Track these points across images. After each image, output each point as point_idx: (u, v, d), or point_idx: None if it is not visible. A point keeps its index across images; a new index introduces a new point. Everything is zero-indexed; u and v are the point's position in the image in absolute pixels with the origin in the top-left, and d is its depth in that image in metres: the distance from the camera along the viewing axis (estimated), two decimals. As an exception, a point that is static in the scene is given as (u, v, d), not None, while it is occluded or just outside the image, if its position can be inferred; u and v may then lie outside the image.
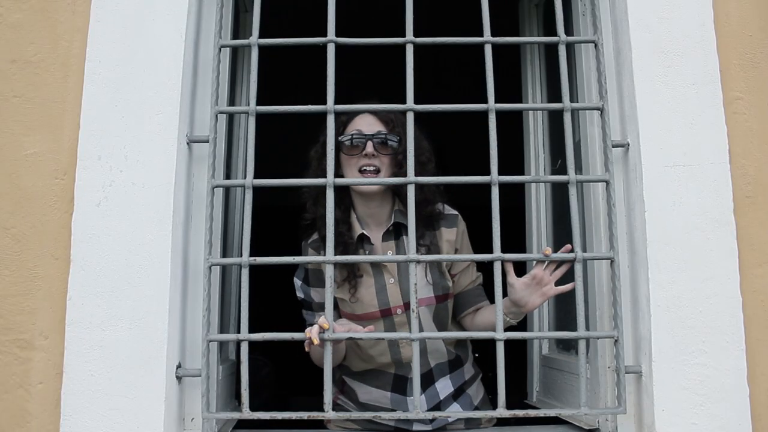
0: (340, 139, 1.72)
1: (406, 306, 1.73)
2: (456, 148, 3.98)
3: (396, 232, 1.78)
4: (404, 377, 1.77)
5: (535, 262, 1.61)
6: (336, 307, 1.79)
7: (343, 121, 1.75)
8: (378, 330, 1.72)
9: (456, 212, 1.83)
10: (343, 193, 1.77)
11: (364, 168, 1.70)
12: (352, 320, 1.73)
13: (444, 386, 1.82)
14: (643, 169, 1.52)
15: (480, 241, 1.92)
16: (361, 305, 1.74)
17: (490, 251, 1.47)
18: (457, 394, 1.83)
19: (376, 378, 1.80)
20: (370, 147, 1.69)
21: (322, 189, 1.71)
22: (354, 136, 1.71)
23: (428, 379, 1.79)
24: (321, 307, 1.76)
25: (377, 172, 1.70)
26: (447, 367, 1.83)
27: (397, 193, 1.80)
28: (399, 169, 1.72)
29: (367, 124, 1.73)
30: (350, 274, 1.75)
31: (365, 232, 1.76)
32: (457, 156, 3.43)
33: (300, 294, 1.83)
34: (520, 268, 2.24)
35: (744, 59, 1.60)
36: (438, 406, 1.79)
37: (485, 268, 1.65)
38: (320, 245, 1.77)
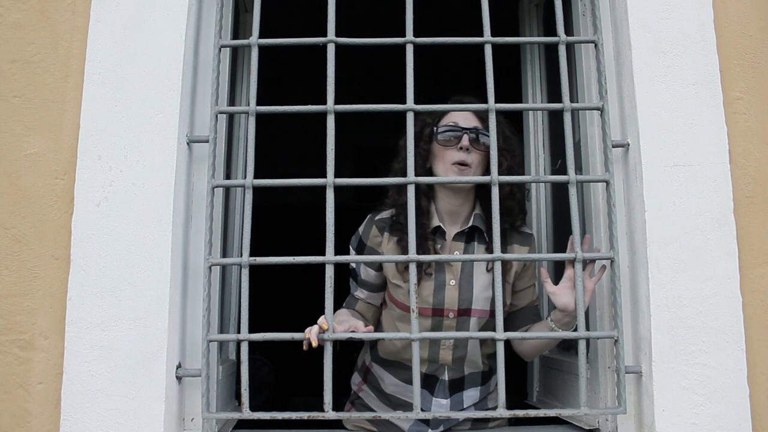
0: (436, 129, 1.71)
1: (460, 312, 1.72)
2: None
3: (469, 234, 1.76)
4: (435, 377, 1.77)
5: (567, 262, 1.58)
6: (383, 287, 1.81)
7: (439, 113, 1.74)
8: (423, 329, 1.71)
9: (531, 232, 1.82)
10: (430, 185, 1.75)
11: (457, 161, 1.68)
12: (401, 309, 1.74)
13: (471, 395, 1.81)
14: (643, 169, 1.52)
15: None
16: (417, 300, 1.73)
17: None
18: (479, 401, 1.83)
19: (406, 372, 1.78)
20: (465, 140, 1.67)
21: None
22: (451, 128, 1.69)
23: (458, 386, 1.79)
24: (363, 284, 1.81)
25: (470, 166, 1.68)
26: (480, 378, 1.82)
27: (480, 195, 1.78)
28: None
29: (463, 118, 1.72)
30: (417, 265, 1.70)
31: (442, 225, 1.75)
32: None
33: (352, 264, 1.83)
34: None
35: (744, 59, 1.60)
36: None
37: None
38: (385, 227, 1.78)
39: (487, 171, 1.70)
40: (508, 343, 1.80)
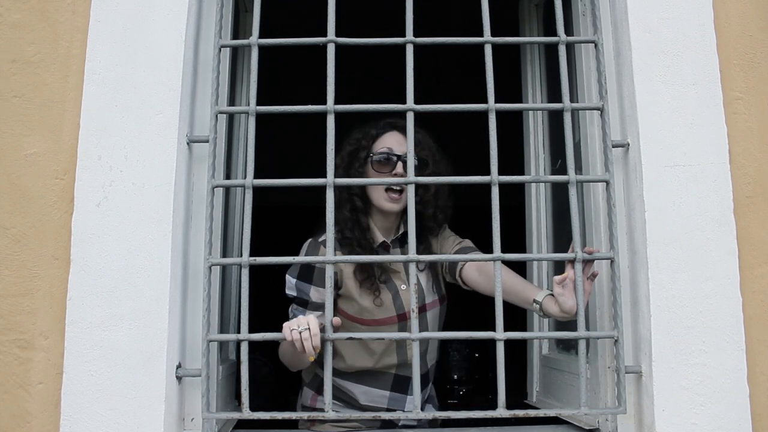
0: (371, 155, 1.77)
1: (419, 309, 1.73)
2: (456, 148, 3.97)
3: (401, 240, 1.84)
4: (406, 377, 1.80)
5: (566, 263, 1.58)
6: (335, 308, 1.78)
7: (373, 135, 1.80)
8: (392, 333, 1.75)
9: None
10: (366, 203, 1.81)
11: (391, 186, 1.74)
12: (370, 325, 1.76)
13: (430, 387, 1.91)
14: (643, 169, 1.52)
15: (480, 240, 1.92)
16: (382, 310, 1.77)
17: (490, 251, 1.47)
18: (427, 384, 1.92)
19: (376, 379, 1.81)
20: (399, 167, 1.74)
21: (343, 193, 1.77)
22: (386, 154, 1.75)
23: (425, 380, 1.84)
24: (317, 307, 1.74)
25: (401, 192, 1.74)
26: (435, 369, 1.92)
27: (403, 211, 1.82)
28: (425, 191, 1.78)
29: (396, 142, 1.77)
30: (369, 279, 1.76)
31: (386, 240, 1.82)
32: (457, 156, 3.43)
33: (292, 292, 1.80)
34: (521, 269, 2.24)
35: (744, 59, 1.60)
36: (422, 405, 1.82)
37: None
38: (334, 245, 1.78)
39: (422, 194, 1.78)
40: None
